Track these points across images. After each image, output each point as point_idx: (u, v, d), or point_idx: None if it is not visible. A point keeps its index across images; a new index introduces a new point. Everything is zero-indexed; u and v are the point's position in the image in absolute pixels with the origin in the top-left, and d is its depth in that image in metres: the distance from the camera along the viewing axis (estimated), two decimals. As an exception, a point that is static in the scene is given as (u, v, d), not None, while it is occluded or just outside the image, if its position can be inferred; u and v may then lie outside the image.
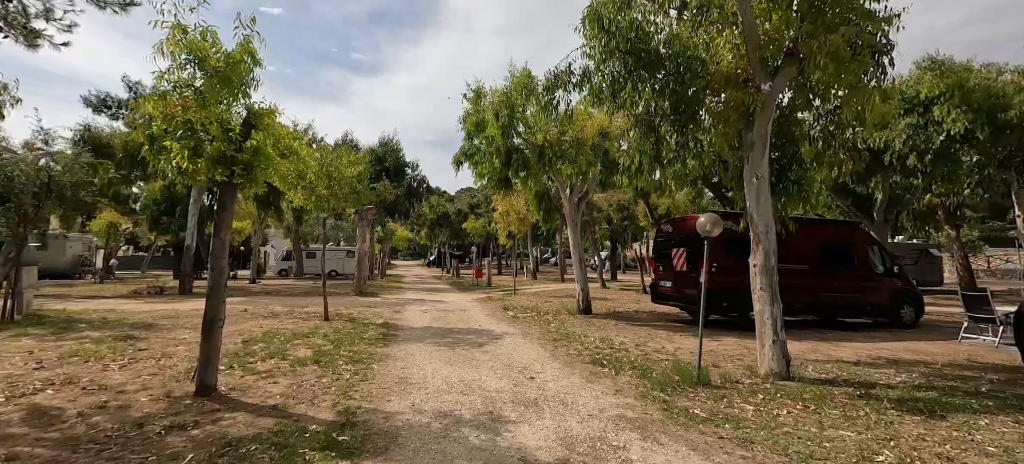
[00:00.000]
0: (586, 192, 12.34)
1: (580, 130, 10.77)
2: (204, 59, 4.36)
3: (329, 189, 9.55)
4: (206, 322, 4.58)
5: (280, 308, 11.75)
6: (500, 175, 11.91)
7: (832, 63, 5.02)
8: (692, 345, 7.77)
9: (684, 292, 9.88)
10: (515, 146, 11.67)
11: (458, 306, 13.54)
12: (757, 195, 5.86)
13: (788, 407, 4.55)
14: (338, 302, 13.77)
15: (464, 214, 41.15)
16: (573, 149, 10.49)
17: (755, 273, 5.90)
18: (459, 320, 10.52)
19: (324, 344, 7.11)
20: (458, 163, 13.02)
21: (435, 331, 8.83)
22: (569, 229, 12.25)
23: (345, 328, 8.68)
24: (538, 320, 10.48)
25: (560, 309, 12.46)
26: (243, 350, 6.61)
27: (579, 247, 12.19)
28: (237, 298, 14.30)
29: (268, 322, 9.31)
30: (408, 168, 24.92)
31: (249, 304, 12.63)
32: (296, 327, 8.73)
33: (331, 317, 10.13)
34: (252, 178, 4.77)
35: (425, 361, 6.27)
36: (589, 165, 10.41)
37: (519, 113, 11.25)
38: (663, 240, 10.74)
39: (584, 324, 9.97)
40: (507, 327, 9.49)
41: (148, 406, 4.22)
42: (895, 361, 6.87)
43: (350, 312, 11.27)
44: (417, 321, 10.18)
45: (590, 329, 9.31)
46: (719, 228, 5.45)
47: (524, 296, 16.93)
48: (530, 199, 14.15)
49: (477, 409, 4.37)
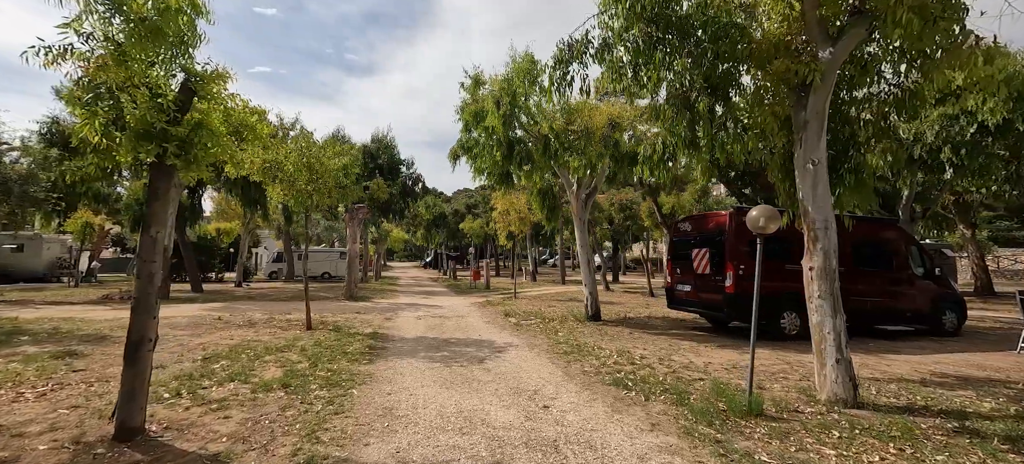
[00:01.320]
0: (594, 188, 11.36)
1: (588, 120, 9.79)
2: (123, 1, 3.34)
3: (311, 183, 8.52)
4: (130, 345, 3.56)
5: (260, 315, 10.69)
6: (501, 169, 10.90)
7: (916, 19, 4.05)
8: (723, 358, 6.80)
9: (705, 297, 8.91)
10: (517, 138, 10.67)
11: (455, 312, 12.52)
12: (813, 184, 4.90)
13: (877, 450, 3.57)
14: (325, 308, 12.72)
15: (461, 214, 40.11)
16: (581, 140, 9.50)
17: (811, 278, 4.94)
18: (456, 328, 9.50)
19: (299, 361, 6.08)
20: (455, 157, 12.00)
21: (429, 343, 7.81)
22: (576, 228, 11.27)
23: (327, 340, 7.65)
24: (544, 328, 9.48)
25: (566, 315, 11.47)
26: (200, 370, 5.57)
27: (587, 247, 11.21)
28: (216, 304, 13.22)
29: (241, 333, 8.26)
30: (403, 165, 23.87)
31: (226, 311, 11.56)
32: (271, 339, 7.69)
33: (315, 326, 9.10)
34: (191, 159, 3.75)
35: (416, 383, 5.26)
36: (599, 157, 9.43)
37: (521, 102, 10.24)
38: (681, 240, 9.76)
39: (595, 333, 8.98)
40: (510, 337, 8.48)
41: (43, 459, 3.18)
42: (964, 379, 5.91)
43: (336, 320, 10.23)
44: (410, 330, 9.16)
45: (603, 339, 8.32)
46: (776, 223, 4.48)
47: (525, 300, 15.93)
48: (533, 196, 13.15)
49: (481, 458, 3.36)
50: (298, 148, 8.23)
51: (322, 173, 8.50)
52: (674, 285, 9.88)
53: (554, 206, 13.03)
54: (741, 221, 8.33)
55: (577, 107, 10.27)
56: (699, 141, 5.26)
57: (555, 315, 11.52)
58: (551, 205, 12.97)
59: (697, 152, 5.30)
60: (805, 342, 8.23)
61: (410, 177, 24.16)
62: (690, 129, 5.19)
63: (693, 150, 5.29)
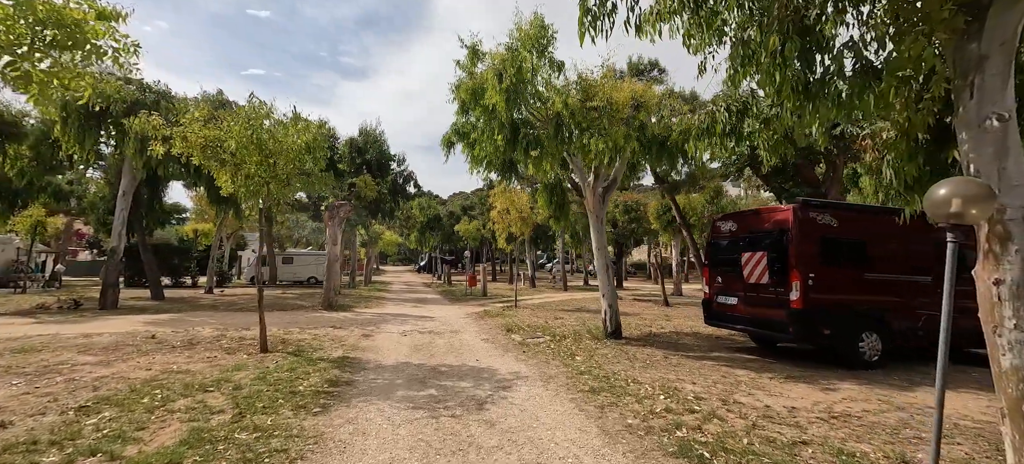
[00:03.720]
0: (612, 181, 9.60)
1: (607, 98, 8.06)
2: None
3: (264, 167, 6.70)
4: None
5: (208, 331, 8.81)
6: (503, 156, 9.15)
7: None
8: (806, 399, 5.05)
9: (759, 313, 7.17)
10: (523, 119, 8.92)
11: (448, 325, 10.71)
12: (998, 152, 3.15)
13: None
14: (296, 320, 10.86)
15: (457, 216, 38.33)
16: (604, 118, 7.75)
17: (997, 299, 3.18)
18: (449, 349, 7.70)
19: (219, 411, 4.25)
20: (449, 144, 10.19)
21: (413, 373, 6.00)
22: (592, 227, 9.51)
23: (278, 370, 5.82)
24: (556, 349, 7.70)
25: (580, 330, 9.70)
26: (61, 430, 3.73)
27: (605, 250, 9.44)
28: (165, 316, 11.31)
29: (167, 359, 6.40)
30: (393, 161, 22.03)
31: (172, 325, 9.67)
32: (204, 369, 5.85)
33: (272, 347, 7.27)
34: None
35: (384, 453, 3.46)
36: (627, 139, 7.68)
37: (528, 77, 8.50)
38: (723, 243, 8.03)
39: (621, 356, 7.21)
40: (516, 363, 6.70)
41: None
42: None
43: (302, 338, 8.39)
44: (390, 352, 7.34)
45: (635, 366, 6.55)
46: (984, 205, 2.73)
47: (528, 309, 14.14)
48: (539, 192, 11.39)
49: None
50: (244, 121, 6.40)
51: (278, 154, 6.68)
52: (714, 297, 8.13)
53: (563, 203, 11.25)
54: (809, 217, 6.62)
55: (597, 82, 8.53)
56: (812, 88, 3.50)
57: (566, 330, 9.74)
58: (559, 202, 11.19)
59: (808, 101, 3.50)
60: (894, 372, 6.49)
61: (401, 174, 22.33)
62: (805, 60, 3.41)
63: (804, 97, 3.49)
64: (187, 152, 6.45)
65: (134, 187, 13.68)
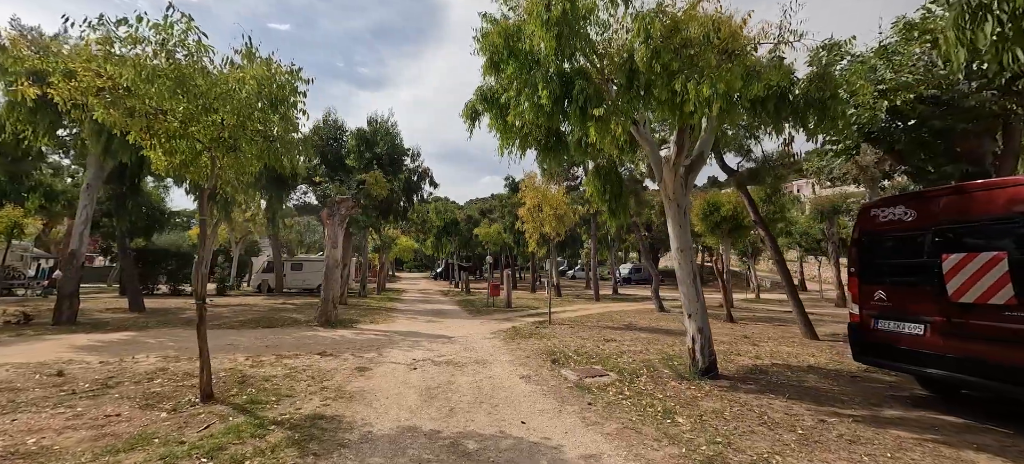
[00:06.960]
0: (699, 155, 6.96)
1: (713, 23, 5.45)
2: None
3: (199, 125, 4.34)
4: None
5: (148, 364, 6.49)
6: (549, 123, 6.65)
7: None
8: None
9: (979, 352, 4.40)
10: (578, 68, 6.38)
11: (472, 350, 8.20)
12: None
13: None
14: (281, 341, 8.52)
15: (474, 221, 35.99)
16: (709, 51, 5.16)
17: None
18: (477, 398, 5.18)
19: None
20: (473, 116, 7.70)
21: (421, 455, 3.51)
22: (670, 219, 6.88)
23: (191, 455, 3.40)
24: (636, 401, 5.11)
25: (653, 362, 7.07)
26: None
27: (690, 250, 6.80)
28: (115, 336, 9.07)
29: (34, 422, 4.05)
30: (407, 157, 19.75)
31: (108, 352, 7.41)
32: (71, 449, 3.47)
33: (224, 389, 4.91)
34: None
35: None
36: (747, 80, 5.07)
37: (584, 11, 5.99)
38: (894, 239, 5.31)
39: (744, 415, 4.58)
40: (586, 431, 4.13)
41: None
42: None
43: (272, 373, 6.00)
44: (390, 405, 4.87)
45: (781, 439, 3.91)
46: None
47: (565, 326, 11.53)
48: (589, 178, 8.83)
49: None
50: (157, 46, 4.05)
51: (215, 102, 4.31)
52: (873, 321, 5.40)
53: (620, 192, 8.65)
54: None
55: (683, 10, 5.93)
56: None
57: (633, 362, 7.12)
58: (615, 191, 8.59)
59: None
60: None
61: (416, 171, 20.02)
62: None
63: None
64: (74, 99, 4.14)
65: (101, 179, 11.64)
